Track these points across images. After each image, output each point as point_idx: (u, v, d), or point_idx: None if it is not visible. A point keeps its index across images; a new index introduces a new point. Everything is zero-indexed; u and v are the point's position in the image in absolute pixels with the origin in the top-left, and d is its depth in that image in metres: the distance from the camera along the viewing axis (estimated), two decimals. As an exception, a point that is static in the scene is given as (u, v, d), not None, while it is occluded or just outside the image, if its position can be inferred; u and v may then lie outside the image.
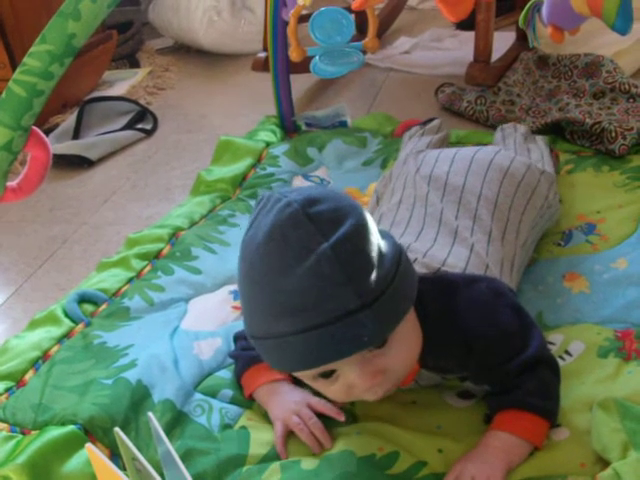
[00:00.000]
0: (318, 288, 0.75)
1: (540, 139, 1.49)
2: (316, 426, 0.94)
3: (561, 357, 1.03)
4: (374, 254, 0.78)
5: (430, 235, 1.06)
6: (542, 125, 1.71)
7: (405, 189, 1.20)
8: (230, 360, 1.10)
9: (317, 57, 1.38)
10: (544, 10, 1.11)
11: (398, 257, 0.82)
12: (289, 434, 0.95)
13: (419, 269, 0.95)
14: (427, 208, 1.12)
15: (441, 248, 1.03)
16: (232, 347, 1.10)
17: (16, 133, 0.85)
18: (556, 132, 1.69)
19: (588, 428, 0.89)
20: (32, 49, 0.83)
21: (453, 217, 1.09)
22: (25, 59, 0.83)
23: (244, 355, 1.03)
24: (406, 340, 0.84)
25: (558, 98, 1.91)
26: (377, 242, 0.80)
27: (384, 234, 0.85)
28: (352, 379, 0.82)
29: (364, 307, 0.76)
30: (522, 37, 2.18)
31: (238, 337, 1.07)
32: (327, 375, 0.83)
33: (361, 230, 0.79)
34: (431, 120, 1.59)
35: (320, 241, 0.76)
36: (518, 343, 0.90)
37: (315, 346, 0.77)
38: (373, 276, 0.77)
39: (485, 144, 1.62)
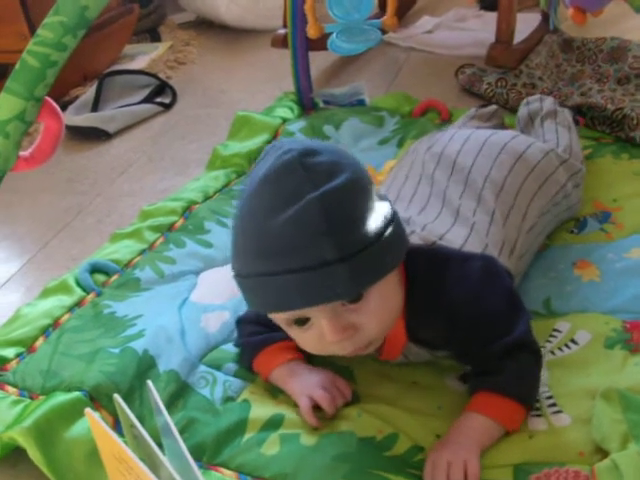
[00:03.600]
0: (300, 234, 0.77)
1: (567, 114, 1.46)
2: (344, 399, 0.96)
3: (567, 346, 1.02)
4: (362, 211, 0.80)
5: (432, 213, 1.06)
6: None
7: (413, 166, 1.19)
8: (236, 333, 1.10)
9: (334, 34, 1.38)
10: (566, -9, 1.10)
11: (389, 220, 0.83)
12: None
13: (415, 240, 0.96)
14: (432, 187, 1.11)
15: (441, 224, 1.02)
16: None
17: (29, 103, 0.86)
18: (576, 117, 1.68)
19: (589, 417, 0.88)
20: (45, 20, 0.83)
21: (457, 197, 1.08)
22: (38, 30, 0.84)
23: (252, 341, 1.04)
24: (383, 302, 0.85)
25: (581, 82, 1.89)
26: (368, 201, 0.82)
27: (382, 197, 0.86)
28: (323, 329, 0.83)
29: (341, 260, 0.77)
30: (547, 19, 2.15)
31: (242, 321, 1.07)
32: (301, 323, 0.85)
33: (353, 186, 0.80)
34: (486, 105, 1.58)
35: (310, 190, 0.77)
36: (503, 326, 0.90)
37: (288, 290, 0.79)
38: (356, 232, 0.79)
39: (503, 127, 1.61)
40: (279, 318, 0.87)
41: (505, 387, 0.89)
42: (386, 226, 0.82)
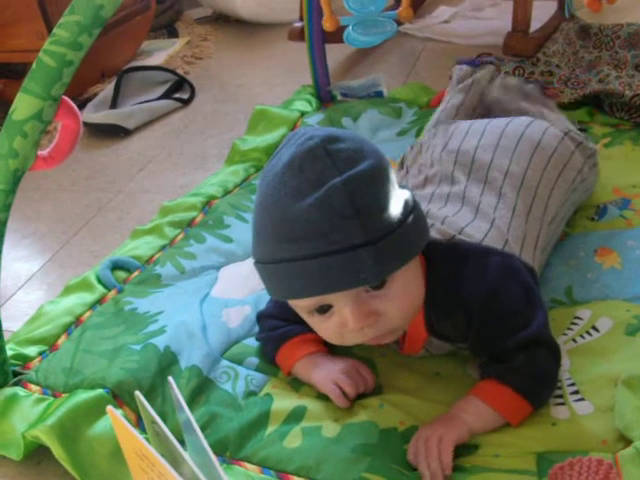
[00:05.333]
0: (325, 218, 0.77)
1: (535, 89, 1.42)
2: (366, 387, 0.96)
3: (588, 333, 1.01)
4: (385, 196, 0.80)
5: (452, 210, 1.05)
6: (581, 96, 1.68)
7: (432, 167, 1.18)
8: (257, 328, 1.10)
9: (350, 27, 1.38)
10: (581, -22, 1.09)
11: (411, 207, 0.84)
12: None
13: (434, 234, 0.95)
14: (452, 187, 1.10)
15: (461, 218, 1.02)
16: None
17: (46, 103, 0.86)
18: (595, 104, 1.66)
19: (612, 405, 0.88)
20: (61, 20, 0.83)
21: (477, 195, 1.07)
22: (55, 30, 0.84)
23: (273, 335, 1.04)
24: (405, 289, 0.85)
25: (598, 69, 1.87)
26: (391, 187, 0.82)
27: (402, 186, 0.86)
28: (345, 316, 0.83)
29: (367, 244, 0.78)
30: (563, 6, 2.13)
31: (262, 317, 1.08)
32: (323, 311, 0.85)
33: (376, 173, 0.81)
34: (485, 63, 1.54)
35: (334, 175, 0.78)
36: (519, 322, 0.90)
37: (312, 275, 0.79)
38: (381, 217, 0.79)
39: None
40: (300, 306, 0.87)
41: (509, 378, 0.88)
42: (409, 212, 0.83)
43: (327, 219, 0.77)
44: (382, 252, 0.79)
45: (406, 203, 0.83)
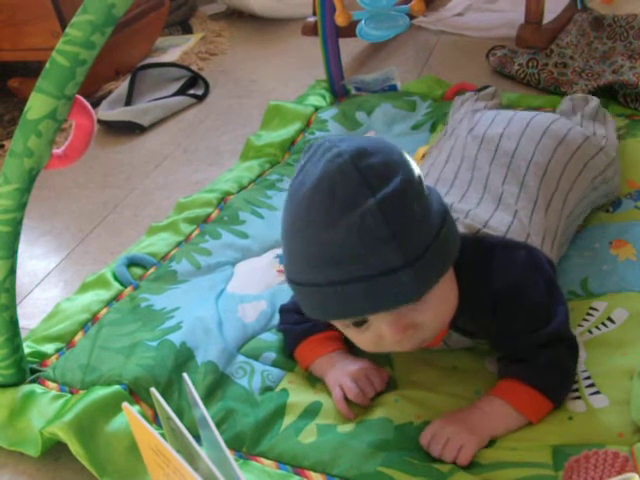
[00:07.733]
0: (361, 243, 0.74)
1: (610, 118, 1.41)
2: (368, 394, 0.96)
3: (604, 324, 1.01)
4: (420, 212, 0.77)
5: (474, 199, 1.04)
6: (595, 88, 1.67)
7: (454, 148, 1.18)
8: (273, 323, 1.11)
9: (363, 21, 1.38)
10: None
11: (443, 216, 0.81)
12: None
13: (460, 229, 0.93)
14: (474, 172, 1.09)
15: (484, 210, 1.01)
16: (276, 310, 1.11)
17: (60, 102, 0.87)
18: (609, 95, 1.65)
19: (627, 398, 0.88)
20: (74, 19, 0.84)
21: (499, 182, 1.07)
22: (67, 29, 0.84)
23: (295, 329, 1.04)
24: (442, 298, 0.84)
25: (612, 60, 1.86)
26: (424, 200, 0.79)
27: (431, 190, 0.83)
28: (383, 331, 0.82)
29: (406, 265, 0.75)
30: (577, -3, 2.13)
31: (285, 310, 1.08)
32: (359, 324, 0.83)
33: (409, 187, 0.77)
34: (485, 87, 1.56)
35: (367, 195, 0.74)
36: (542, 318, 0.89)
37: (351, 298, 0.76)
38: (417, 234, 0.76)
39: (535, 107, 1.60)
40: (336, 321, 0.86)
41: (531, 376, 0.88)
42: (442, 222, 0.80)
43: (363, 244, 0.74)
44: (421, 270, 0.76)
45: (438, 212, 0.81)
